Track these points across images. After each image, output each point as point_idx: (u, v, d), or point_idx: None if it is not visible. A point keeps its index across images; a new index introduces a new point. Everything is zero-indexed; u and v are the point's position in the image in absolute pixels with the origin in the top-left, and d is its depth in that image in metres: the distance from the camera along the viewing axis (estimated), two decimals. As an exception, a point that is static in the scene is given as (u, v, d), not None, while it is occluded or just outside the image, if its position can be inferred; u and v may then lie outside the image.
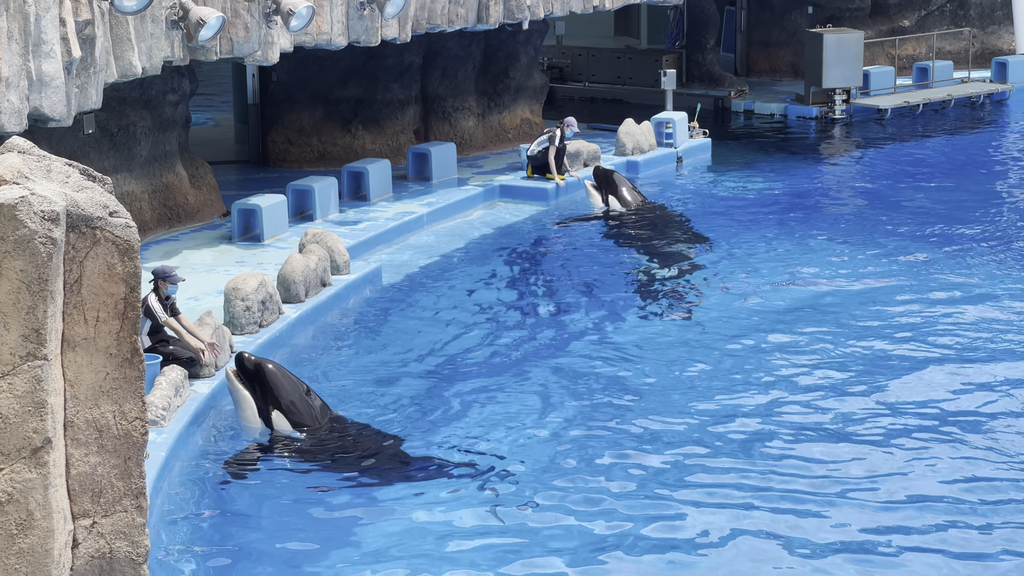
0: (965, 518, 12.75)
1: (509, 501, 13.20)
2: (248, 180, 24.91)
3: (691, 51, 34.57)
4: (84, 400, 8.14)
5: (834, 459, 14.07)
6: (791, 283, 20.11)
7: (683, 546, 12.32)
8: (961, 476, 13.66)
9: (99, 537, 8.20)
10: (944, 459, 14.08)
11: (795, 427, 14.91)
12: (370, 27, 21.55)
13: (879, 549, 12.23)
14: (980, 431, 14.73)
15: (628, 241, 22.82)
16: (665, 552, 12.22)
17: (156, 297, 15.16)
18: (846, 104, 32.34)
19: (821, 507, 13.00)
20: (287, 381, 14.75)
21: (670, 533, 12.56)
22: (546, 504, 13.13)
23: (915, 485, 13.51)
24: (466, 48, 27.40)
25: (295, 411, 14.61)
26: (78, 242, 8.04)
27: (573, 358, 17.19)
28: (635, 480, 13.64)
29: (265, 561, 12.19)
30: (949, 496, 13.22)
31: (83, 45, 16.12)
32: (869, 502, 13.11)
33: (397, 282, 20.46)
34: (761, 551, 12.20)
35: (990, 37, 37.39)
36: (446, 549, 12.30)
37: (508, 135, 28.46)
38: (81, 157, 19.11)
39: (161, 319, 15.04)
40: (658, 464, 14.00)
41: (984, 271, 20.59)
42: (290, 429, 14.55)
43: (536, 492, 13.38)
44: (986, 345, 17.34)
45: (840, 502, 13.11)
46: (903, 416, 15.19)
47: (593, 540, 12.41)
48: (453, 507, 13.13)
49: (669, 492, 13.33)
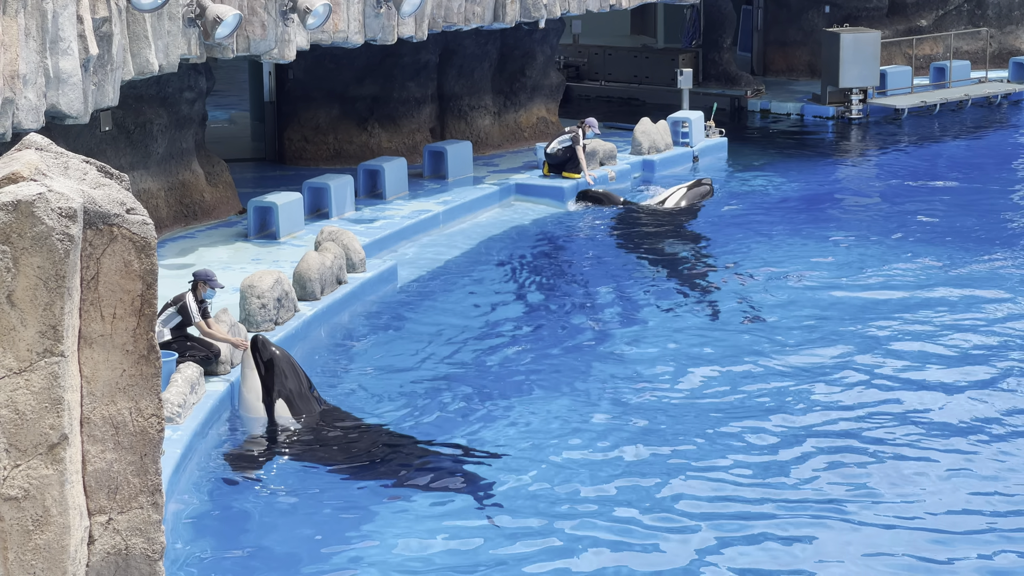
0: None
1: (518, 501, 13.19)
2: (264, 178, 24.94)
3: (707, 50, 34.53)
4: (100, 396, 8.15)
5: (866, 462, 14.06)
6: (806, 283, 20.05)
7: (695, 549, 12.31)
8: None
9: (115, 533, 8.21)
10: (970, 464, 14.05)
11: (825, 432, 14.88)
12: (386, 25, 21.55)
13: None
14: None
15: (642, 239, 22.80)
16: (678, 555, 12.20)
17: (194, 298, 15.25)
18: (863, 104, 32.26)
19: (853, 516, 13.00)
20: (294, 372, 14.99)
21: (682, 535, 12.54)
22: (555, 506, 13.12)
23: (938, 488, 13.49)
24: (482, 47, 27.39)
25: (296, 402, 14.89)
26: (95, 239, 8.05)
27: (589, 358, 17.16)
28: (648, 484, 13.61)
29: (280, 557, 12.20)
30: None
31: (100, 42, 16.15)
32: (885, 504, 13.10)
33: (413, 280, 20.46)
34: (777, 556, 12.19)
35: (1008, 37, 37.27)
36: (454, 549, 12.30)
37: (524, 134, 28.44)
38: (98, 154, 19.15)
39: (195, 320, 15.11)
40: (674, 467, 13.98)
41: (1001, 271, 20.51)
42: (289, 417, 14.73)
43: (547, 494, 13.37)
44: (1006, 343, 17.30)
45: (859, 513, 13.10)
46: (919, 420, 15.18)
47: (599, 543, 12.39)
48: (462, 508, 13.12)
49: (683, 497, 13.30)
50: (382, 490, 13.48)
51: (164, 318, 15.16)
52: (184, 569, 11.82)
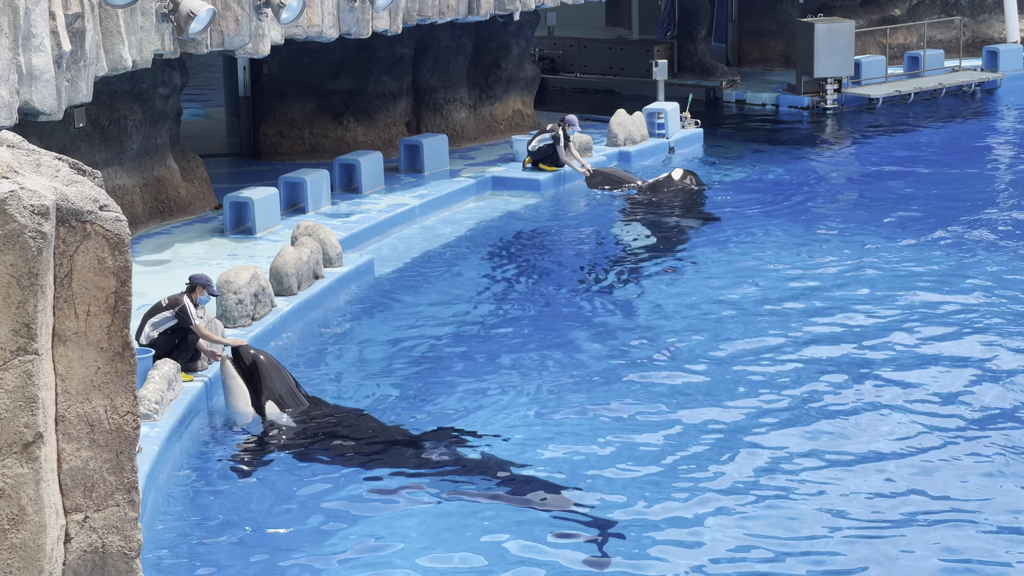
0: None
1: (510, 485, 13.22)
2: (240, 173, 24.89)
3: (682, 41, 34.56)
4: (75, 394, 8.12)
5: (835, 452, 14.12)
6: (782, 271, 20.11)
7: (692, 533, 12.34)
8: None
9: (91, 532, 8.19)
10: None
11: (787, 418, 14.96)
12: (361, 19, 21.52)
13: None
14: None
15: (627, 225, 23.00)
16: (670, 541, 12.22)
17: (191, 301, 15.17)
18: (838, 94, 32.35)
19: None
20: (280, 374, 15.01)
21: (676, 522, 12.57)
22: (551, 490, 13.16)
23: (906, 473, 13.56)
24: (457, 39, 27.37)
25: (286, 401, 14.92)
26: (68, 236, 8.02)
27: (566, 346, 17.20)
28: (640, 468, 13.64)
29: (258, 554, 12.18)
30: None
31: (73, 38, 16.08)
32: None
33: (389, 274, 20.45)
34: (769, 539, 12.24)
35: (981, 26, 37.40)
36: (441, 540, 12.31)
37: (500, 126, 28.44)
38: (72, 151, 19.08)
39: (193, 323, 15.04)
40: (662, 447, 14.03)
41: (975, 258, 20.60)
42: (279, 414, 14.78)
43: (542, 478, 13.41)
44: (982, 326, 17.40)
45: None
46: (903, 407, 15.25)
47: (581, 528, 12.44)
48: (447, 497, 13.14)
49: (680, 482, 13.34)
50: (372, 481, 13.50)
51: (157, 321, 15.06)
52: (162, 565, 11.79)
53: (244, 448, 14.39)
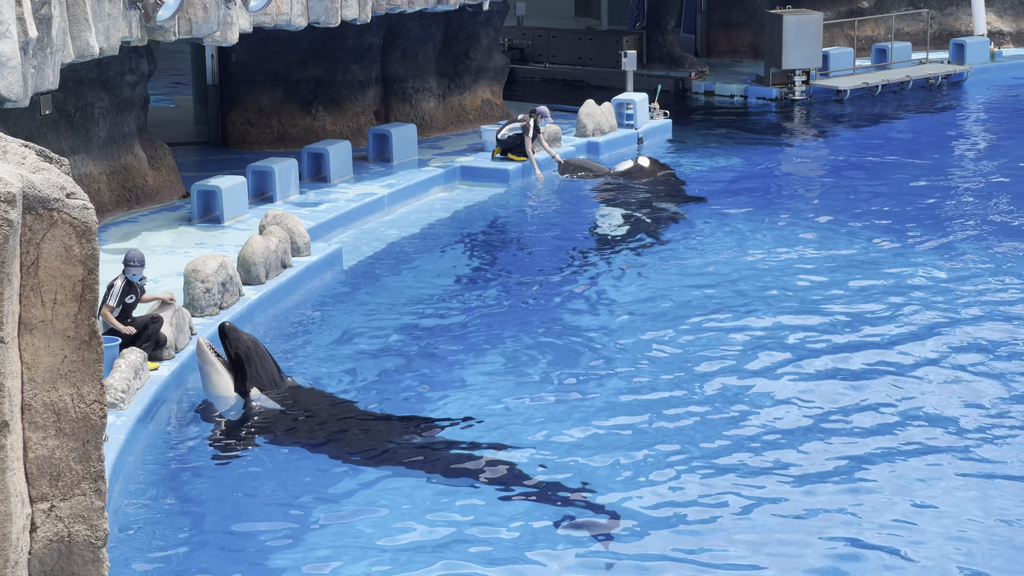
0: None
1: (493, 468, 13.29)
2: (207, 161, 24.80)
3: (651, 32, 34.59)
4: (42, 383, 8.08)
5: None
6: (746, 260, 20.19)
7: (685, 520, 12.40)
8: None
9: (57, 521, 8.15)
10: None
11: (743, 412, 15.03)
12: (330, 7, 21.46)
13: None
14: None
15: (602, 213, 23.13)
16: (654, 528, 12.27)
17: (123, 281, 15.07)
18: (806, 85, 32.45)
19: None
20: (263, 358, 15.01)
21: (668, 508, 12.62)
22: (534, 475, 13.20)
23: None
24: (426, 29, 27.34)
25: (269, 386, 14.89)
26: (35, 224, 7.97)
27: (535, 334, 17.23)
28: (624, 456, 13.68)
29: (225, 543, 12.16)
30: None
31: (40, 25, 15.98)
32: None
33: (358, 263, 20.43)
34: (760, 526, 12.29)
35: (948, 18, 37.56)
36: (434, 521, 12.32)
37: (469, 116, 28.42)
38: (38, 138, 18.97)
39: (108, 303, 14.89)
40: (641, 433, 14.09)
41: (940, 251, 20.72)
42: (263, 397, 14.78)
43: (527, 464, 13.44)
44: (948, 320, 17.51)
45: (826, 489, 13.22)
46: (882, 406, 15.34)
47: (570, 514, 12.47)
48: (440, 479, 13.19)
49: (668, 469, 13.41)
50: (355, 467, 13.52)
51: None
52: (130, 555, 11.76)
53: (219, 433, 14.37)
